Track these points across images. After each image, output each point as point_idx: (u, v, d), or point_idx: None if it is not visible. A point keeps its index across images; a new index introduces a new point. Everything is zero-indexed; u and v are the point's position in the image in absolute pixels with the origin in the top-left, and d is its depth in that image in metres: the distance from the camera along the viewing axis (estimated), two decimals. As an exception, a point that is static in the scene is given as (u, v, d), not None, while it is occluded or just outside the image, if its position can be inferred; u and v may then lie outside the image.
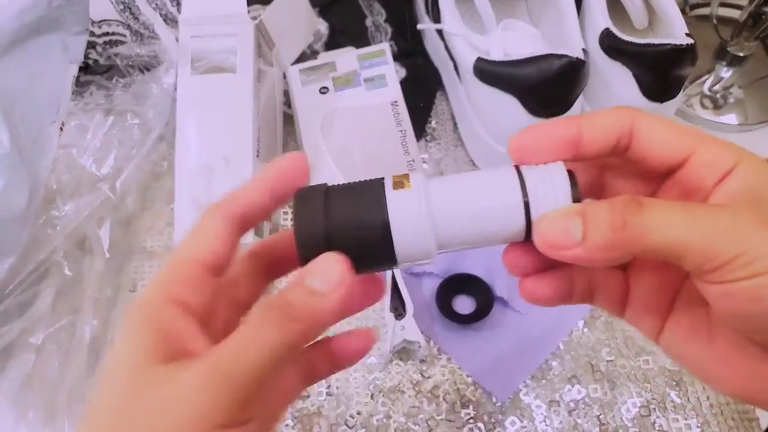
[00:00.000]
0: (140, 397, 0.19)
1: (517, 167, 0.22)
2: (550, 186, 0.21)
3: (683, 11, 0.53)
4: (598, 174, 0.24)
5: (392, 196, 0.21)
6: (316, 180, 0.48)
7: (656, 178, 0.23)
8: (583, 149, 0.22)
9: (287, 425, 0.44)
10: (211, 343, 0.20)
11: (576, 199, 0.21)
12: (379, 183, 0.22)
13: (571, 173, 0.21)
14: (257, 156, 0.44)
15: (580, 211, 0.20)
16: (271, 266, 0.25)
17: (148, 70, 0.54)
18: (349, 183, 0.22)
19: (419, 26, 0.57)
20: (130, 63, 0.54)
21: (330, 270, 0.20)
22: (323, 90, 0.50)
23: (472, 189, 0.22)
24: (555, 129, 0.21)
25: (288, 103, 0.54)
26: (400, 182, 0.21)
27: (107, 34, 0.54)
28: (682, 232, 0.18)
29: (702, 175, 0.21)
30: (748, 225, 0.18)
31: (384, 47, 0.52)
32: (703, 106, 0.57)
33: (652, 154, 0.21)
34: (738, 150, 0.21)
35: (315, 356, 0.25)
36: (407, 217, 0.21)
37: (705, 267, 0.18)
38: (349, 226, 0.21)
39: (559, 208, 0.20)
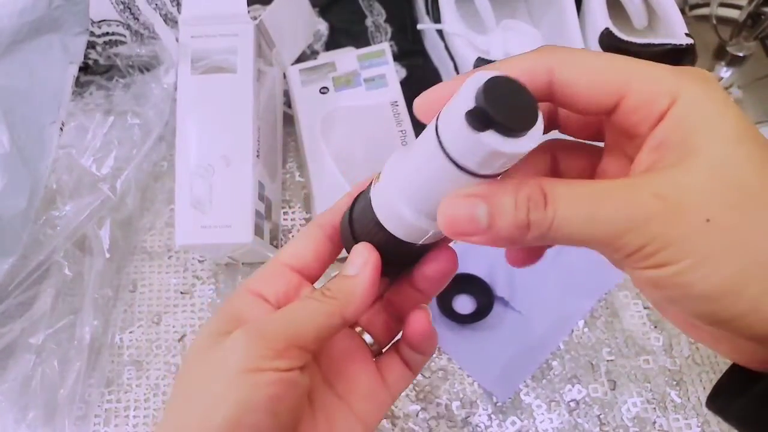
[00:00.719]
0: (201, 356, 0.23)
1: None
2: (456, 112, 0.18)
3: (683, 11, 0.53)
4: (551, 158, 0.23)
5: (373, 192, 0.23)
6: (313, 180, 0.49)
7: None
8: None
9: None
10: None
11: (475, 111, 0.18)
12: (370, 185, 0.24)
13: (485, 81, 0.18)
14: (257, 156, 0.44)
15: (486, 196, 0.18)
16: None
17: (148, 70, 0.54)
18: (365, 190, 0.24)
19: (419, 26, 0.57)
20: (130, 63, 0.54)
21: (356, 256, 0.24)
22: (323, 90, 0.50)
23: (414, 158, 0.21)
24: (457, 82, 0.20)
25: (288, 103, 0.54)
26: (377, 176, 0.23)
27: (107, 34, 0.54)
28: (585, 228, 0.18)
29: (634, 122, 0.19)
30: (652, 212, 0.17)
31: (384, 47, 0.52)
32: (702, 106, 0.57)
33: (579, 97, 0.19)
34: (677, 81, 0.18)
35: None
36: (382, 205, 0.22)
37: (616, 258, 0.18)
38: (361, 228, 0.24)
39: (463, 188, 0.19)
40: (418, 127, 0.53)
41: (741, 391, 0.19)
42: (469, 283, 0.47)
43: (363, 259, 0.23)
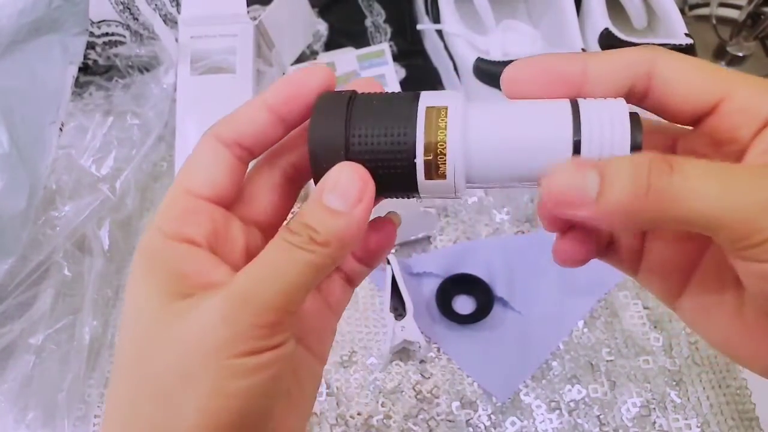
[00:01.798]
0: (161, 333, 0.18)
1: (574, 100, 0.18)
2: (608, 126, 0.17)
3: (682, 11, 0.53)
4: (670, 146, 0.21)
5: (424, 103, 0.19)
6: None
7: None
8: (587, 91, 0.19)
9: (287, 426, 0.44)
10: (233, 271, 0.19)
11: (636, 147, 0.17)
12: (412, 97, 0.19)
13: (634, 115, 0.18)
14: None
15: (599, 164, 0.16)
16: (288, 177, 0.22)
17: (147, 70, 0.54)
18: (378, 93, 0.20)
19: (419, 26, 0.57)
20: (130, 63, 0.54)
21: (348, 183, 0.18)
22: (323, 90, 0.50)
23: (517, 119, 0.19)
24: (556, 63, 0.19)
25: (288, 103, 0.54)
26: (436, 110, 0.19)
27: (107, 34, 0.54)
28: (716, 204, 0.15)
29: (736, 125, 0.18)
30: None
31: (384, 47, 0.52)
32: (702, 106, 0.57)
33: (675, 99, 0.18)
34: None
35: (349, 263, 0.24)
36: (456, 140, 0.19)
37: (740, 244, 0.16)
38: (372, 138, 0.19)
39: (575, 159, 0.17)
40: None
41: None
42: (469, 284, 0.47)
43: (358, 190, 0.18)
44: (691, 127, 0.20)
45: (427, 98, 0.19)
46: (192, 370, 0.17)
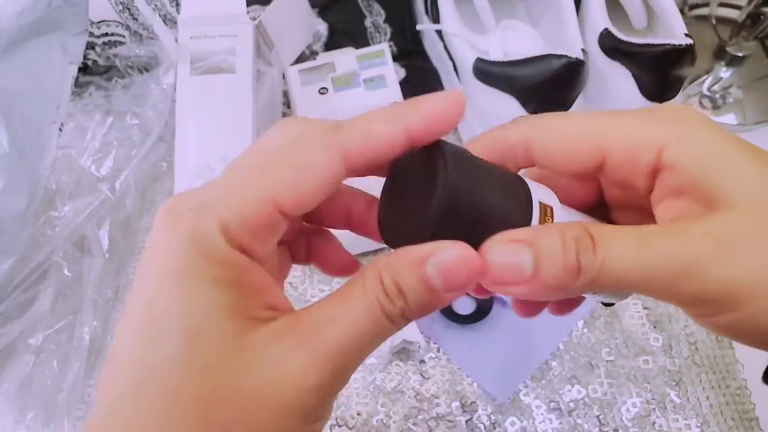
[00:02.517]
0: (242, 373, 0.15)
1: None
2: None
3: (682, 11, 0.53)
4: (596, 185, 0.23)
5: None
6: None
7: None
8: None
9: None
10: (281, 294, 0.17)
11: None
12: (520, 187, 0.19)
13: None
14: (257, 156, 0.44)
15: (531, 241, 0.17)
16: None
17: (147, 70, 0.54)
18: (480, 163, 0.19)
19: (419, 27, 0.57)
20: (130, 64, 0.54)
21: (460, 268, 0.16)
22: (322, 90, 0.50)
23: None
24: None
25: (287, 103, 0.54)
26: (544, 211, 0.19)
27: (106, 34, 0.54)
28: (638, 271, 0.16)
29: (627, 175, 0.19)
30: (706, 252, 0.16)
31: (383, 48, 0.52)
32: (702, 106, 0.57)
33: (561, 165, 0.20)
34: (656, 128, 0.18)
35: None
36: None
37: (667, 301, 0.18)
38: (486, 210, 0.17)
39: (507, 233, 0.17)
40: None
41: None
42: (468, 284, 0.47)
43: (465, 278, 0.16)
44: None
45: (535, 190, 0.19)
46: (268, 428, 0.15)
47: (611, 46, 0.47)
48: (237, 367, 0.15)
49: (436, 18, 0.53)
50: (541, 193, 0.19)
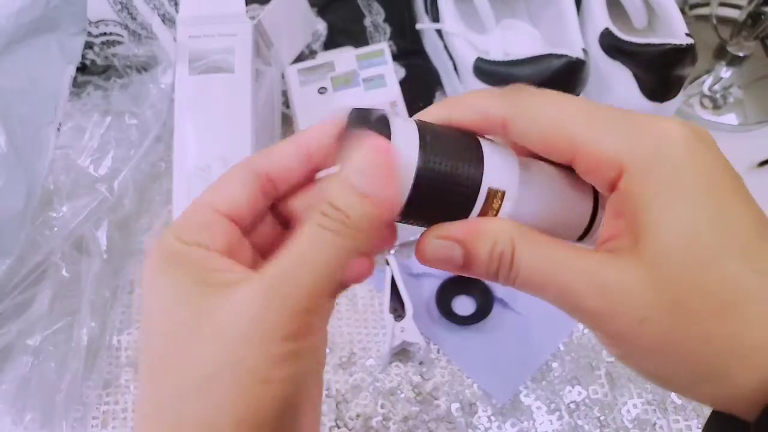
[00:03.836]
0: (199, 325, 0.18)
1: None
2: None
3: (683, 11, 0.53)
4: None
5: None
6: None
7: None
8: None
9: (286, 427, 0.43)
10: (251, 270, 0.19)
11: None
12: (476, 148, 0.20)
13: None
14: (256, 157, 0.43)
15: (463, 242, 0.19)
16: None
17: (145, 70, 0.54)
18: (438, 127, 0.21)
19: (418, 26, 0.56)
20: (128, 63, 0.54)
21: (376, 166, 0.18)
22: (322, 90, 0.50)
23: (551, 207, 0.21)
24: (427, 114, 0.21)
25: (286, 103, 0.54)
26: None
27: (105, 34, 0.54)
28: (539, 295, 0.19)
29: (592, 179, 0.20)
30: (592, 306, 0.18)
31: (383, 47, 0.51)
32: (702, 105, 0.57)
33: (535, 149, 0.20)
34: (624, 147, 0.18)
35: None
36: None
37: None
38: (439, 166, 0.19)
39: (444, 228, 0.20)
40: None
41: None
42: (468, 285, 0.47)
43: (386, 172, 0.18)
44: None
45: (489, 172, 0.20)
46: (237, 358, 0.17)
47: (612, 46, 0.47)
48: (202, 320, 0.18)
49: (436, 17, 0.52)
50: (497, 174, 0.20)
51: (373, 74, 0.50)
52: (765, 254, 0.17)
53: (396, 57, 0.56)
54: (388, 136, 0.18)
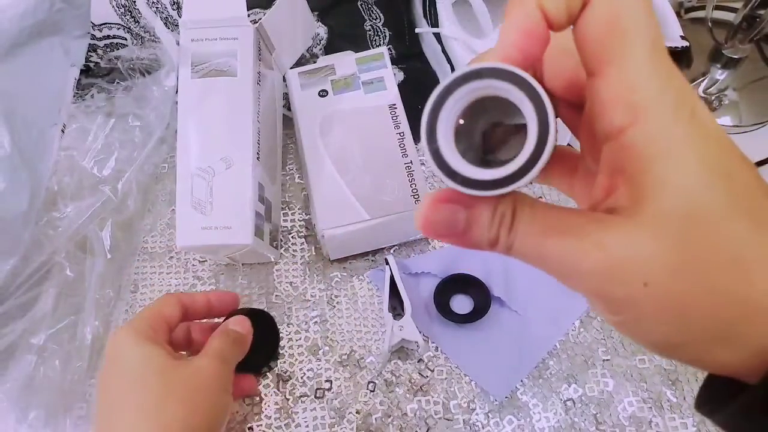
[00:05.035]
0: (175, 381, 0.35)
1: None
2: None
3: (678, 14, 0.53)
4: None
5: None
6: (312, 182, 0.49)
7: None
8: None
9: (287, 423, 0.44)
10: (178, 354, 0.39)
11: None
12: None
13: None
14: (257, 158, 0.44)
15: (468, 204, 0.18)
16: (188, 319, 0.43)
17: (149, 73, 0.55)
18: None
19: (417, 30, 0.57)
20: (131, 66, 0.55)
21: (243, 326, 0.42)
22: (322, 93, 0.51)
23: None
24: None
25: (287, 105, 0.55)
26: None
27: (108, 37, 0.55)
28: (536, 262, 0.18)
29: (599, 115, 0.18)
30: (593, 266, 0.17)
31: (382, 51, 0.52)
32: (698, 108, 0.57)
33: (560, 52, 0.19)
34: (648, 94, 0.16)
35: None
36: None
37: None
38: None
39: (445, 190, 0.19)
40: (416, 129, 0.53)
41: (721, 403, 0.18)
42: (466, 284, 0.47)
43: (246, 328, 0.42)
44: None
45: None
46: (205, 393, 0.36)
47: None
48: (177, 371, 0.36)
49: (434, 21, 0.53)
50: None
51: (372, 77, 0.51)
52: None
53: (395, 60, 0.56)
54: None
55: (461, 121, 0.18)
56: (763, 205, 0.16)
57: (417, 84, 0.56)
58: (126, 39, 0.55)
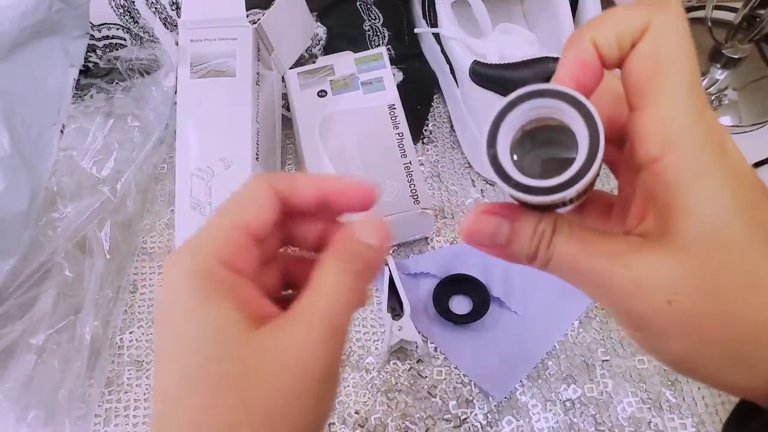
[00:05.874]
0: (259, 360, 0.20)
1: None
2: None
3: (678, 14, 0.53)
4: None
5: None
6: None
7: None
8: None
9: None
10: (273, 303, 0.22)
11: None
12: None
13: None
14: (256, 159, 0.44)
15: (511, 218, 0.20)
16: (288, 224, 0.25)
17: (148, 73, 0.55)
18: None
19: (416, 30, 0.57)
20: (130, 66, 0.55)
21: (381, 229, 0.22)
22: (321, 93, 0.51)
23: None
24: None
25: (286, 106, 0.54)
26: None
27: (107, 37, 0.55)
28: (569, 278, 0.20)
29: (637, 145, 0.19)
30: (621, 285, 0.19)
31: (381, 51, 0.52)
32: (697, 108, 0.57)
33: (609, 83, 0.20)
34: (682, 129, 0.18)
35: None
36: None
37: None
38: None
39: (495, 205, 0.21)
40: (416, 129, 0.53)
41: (740, 427, 0.20)
42: (465, 284, 0.47)
43: (383, 230, 0.22)
44: None
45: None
46: (299, 392, 0.20)
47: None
48: (259, 352, 0.20)
49: (433, 22, 0.53)
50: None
51: (371, 78, 0.51)
52: None
53: (394, 61, 0.56)
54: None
55: (517, 137, 0.20)
56: None
57: (416, 84, 0.56)
58: (125, 39, 0.55)
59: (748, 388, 0.18)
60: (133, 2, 0.52)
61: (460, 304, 0.47)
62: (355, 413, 0.44)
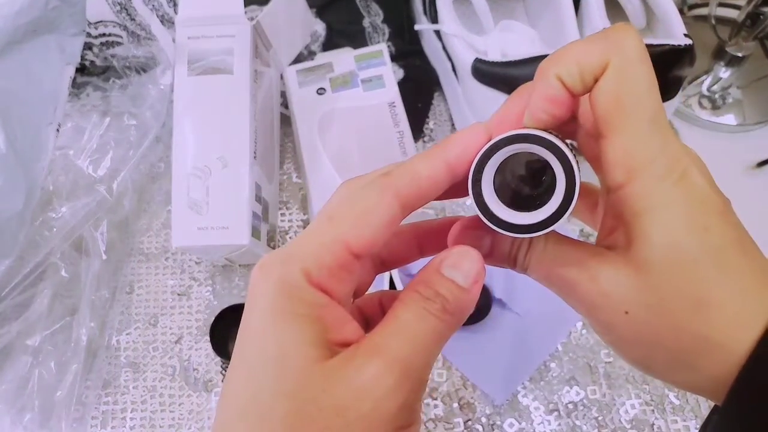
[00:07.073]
0: (322, 393, 0.18)
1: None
2: None
3: (681, 11, 0.53)
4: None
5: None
6: (310, 181, 0.48)
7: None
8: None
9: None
10: (360, 328, 0.20)
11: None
12: None
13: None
14: (254, 157, 0.43)
15: (492, 231, 0.21)
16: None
17: (144, 71, 0.54)
18: None
19: (417, 27, 0.56)
20: (127, 64, 0.54)
21: (471, 265, 0.20)
22: (320, 91, 0.50)
23: None
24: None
25: (285, 103, 0.54)
26: None
27: (104, 35, 0.54)
28: (544, 283, 0.22)
29: (606, 168, 0.20)
30: (586, 296, 0.21)
31: (381, 48, 0.51)
32: (701, 106, 0.57)
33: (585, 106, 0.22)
34: (648, 158, 0.19)
35: None
36: None
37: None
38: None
39: (474, 218, 0.22)
40: (416, 127, 0.52)
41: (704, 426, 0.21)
42: (466, 285, 0.47)
43: (477, 269, 0.20)
44: None
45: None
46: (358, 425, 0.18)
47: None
48: (318, 389, 0.18)
49: (434, 18, 0.52)
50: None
51: (371, 75, 0.50)
52: (740, 267, 0.19)
53: (394, 58, 0.56)
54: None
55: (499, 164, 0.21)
56: (732, 254, 0.19)
57: (417, 82, 0.55)
58: (122, 37, 0.54)
59: (697, 388, 0.21)
60: (130, -1, 0.52)
61: (461, 305, 0.47)
62: (355, 415, 0.43)
